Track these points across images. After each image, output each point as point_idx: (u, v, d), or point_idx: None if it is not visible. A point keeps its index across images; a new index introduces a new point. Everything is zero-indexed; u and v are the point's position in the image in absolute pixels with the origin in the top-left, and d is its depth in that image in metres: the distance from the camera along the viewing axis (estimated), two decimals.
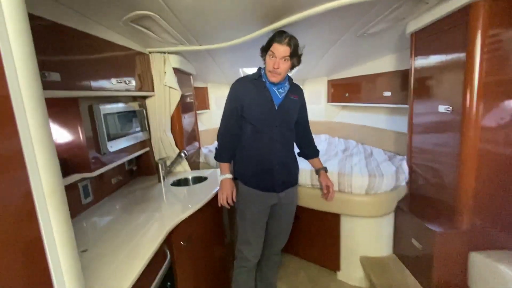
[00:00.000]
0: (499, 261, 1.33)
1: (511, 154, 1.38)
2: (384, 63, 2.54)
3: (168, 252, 1.25)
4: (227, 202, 1.51)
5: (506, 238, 1.46)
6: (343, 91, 3.31)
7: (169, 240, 1.33)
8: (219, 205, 1.54)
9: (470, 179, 1.42)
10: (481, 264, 1.40)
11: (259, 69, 1.54)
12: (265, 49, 1.44)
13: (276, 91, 1.49)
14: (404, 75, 2.23)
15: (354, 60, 2.79)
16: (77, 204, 1.48)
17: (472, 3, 1.29)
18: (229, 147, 1.56)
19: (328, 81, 3.63)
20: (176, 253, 1.38)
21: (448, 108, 1.49)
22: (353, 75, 3.06)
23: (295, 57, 1.41)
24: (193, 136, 2.71)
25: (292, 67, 1.46)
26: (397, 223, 1.92)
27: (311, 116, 3.92)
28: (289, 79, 1.56)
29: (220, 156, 1.57)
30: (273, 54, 1.37)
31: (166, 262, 1.19)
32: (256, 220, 1.56)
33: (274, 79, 1.43)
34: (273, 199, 1.55)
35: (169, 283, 1.26)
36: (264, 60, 1.47)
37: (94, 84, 1.38)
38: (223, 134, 1.56)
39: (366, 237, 1.96)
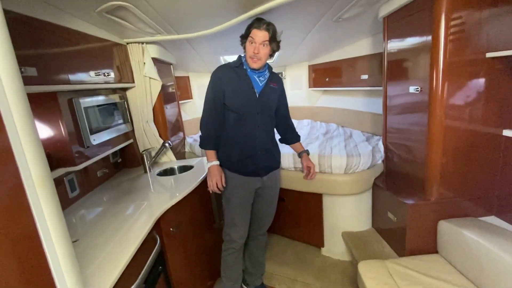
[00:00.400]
0: (463, 226, 1.47)
1: (474, 130, 1.50)
2: (361, 47, 2.61)
3: (158, 238, 1.30)
4: (217, 187, 1.55)
5: (470, 207, 1.61)
6: (324, 75, 3.38)
7: (159, 227, 1.38)
8: (209, 191, 1.58)
9: (437, 154, 1.53)
10: (447, 230, 1.54)
11: (240, 57, 1.56)
12: (244, 36, 1.47)
13: (257, 79, 1.54)
14: (380, 58, 2.30)
15: (333, 44, 2.85)
16: (64, 198, 1.50)
17: None
18: (213, 134, 1.59)
19: (309, 66, 3.69)
20: (166, 239, 1.44)
21: (417, 88, 1.58)
22: (333, 59, 3.12)
23: (274, 42, 1.46)
24: (177, 126, 2.72)
25: (272, 52, 1.50)
26: (375, 199, 2.05)
27: (294, 102, 4.02)
28: (269, 67, 1.60)
29: (205, 144, 1.60)
30: (253, 40, 1.42)
31: (156, 247, 1.24)
32: (241, 203, 1.63)
33: (255, 65, 1.46)
34: (257, 183, 1.62)
35: (160, 267, 1.33)
36: (244, 47, 1.50)
37: (72, 77, 1.37)
38: (206, 122, 1.58)
39: (347, 214, 2.09)
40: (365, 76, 2.61)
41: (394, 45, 1.80)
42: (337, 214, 2.11)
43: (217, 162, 1.59)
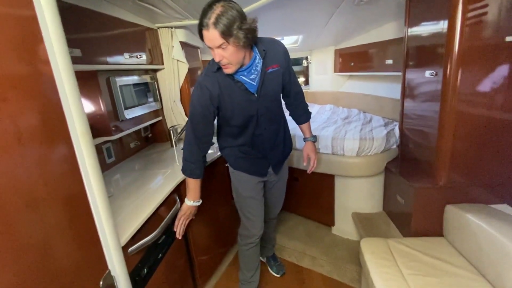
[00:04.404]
0: (468, 211, 1.48)
1: (490, 116, 1.48)
2: (387, 31, 2.55)
3: (178, 199, 1.49)
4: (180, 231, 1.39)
5: (480, 192, 1.60)
6: (349, 60, 3.35)
7: (179, 191, 1.58)
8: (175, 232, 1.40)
9: (448, 138, 1.54)
10: (453, 215, 1.56)
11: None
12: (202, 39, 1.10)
13: (247, 79, 1.23)
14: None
15: (358, 28, 2.81)
16: (102, 163, 1.75)
17: None
18: (200, 158, 1.36)
19: (336, 50, 3.65)
20: None
21: (433, 73, 1.58)
22: (358, 43, 3.08)
23: (233, 36, 1.03)
24: None
25: (246, 41, 1.08)
26: (386, 183, 2.08)
27: (318, 87, 3.98)
28: (260, 51, 1.23)
29: (188, 170, 1.36)
30: (208, 45, 1.08)
31: (176, 206, 1.43)
32: (251, 196, 1.56)
33: (229, 71, 1.16)
34: (263, 177, 1.56)
35: None
36: None
37: (109, 58, 1.58)
38: (191, 143, 1.34)
39: (358, 195, 2.15)
40: (389, 61, 2.56)
41: (415, 29, 1.78)
42: (348, 195, 2.18)
43: (198, 203, 1.41)
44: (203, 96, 1.23)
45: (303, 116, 1.62)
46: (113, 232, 0.85)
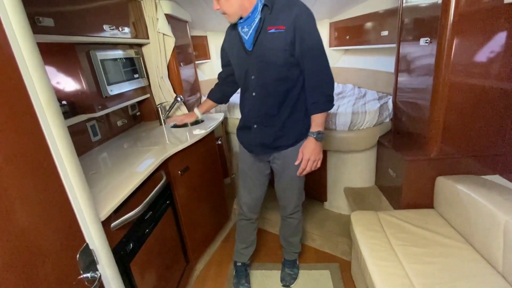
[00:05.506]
0: (459, 182, 1.47)
1: (484, 85, 1.43)
2: (383, 0, 2.44)
3: (164, 176, 1.46)
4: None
5: (473, 164, 1.59)
6: (344, 34, 3.23)
7: (167, 168, 1.55)
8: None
9: (441, 109, 1.50)
10: (444, 186, 1.55)
11: None
12: None
13: (241, 32, 1.26)
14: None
15: None
16: (87, 141, 1.71)
17: None
18: (219, 88, 1.70)
19: (331, 23, 3.51)
20: (174, 179, 1.62)
21: (427, 40, 1.51)
22: (354, 15, 2.95)
23: None
24: (194, 85, 2.82)
25: None
26: (379, 157, 2.06)
27: None
28: (264, 6, 1.18)
29: (208, 94, 1.77)
30: None
31: (161, 182, 1.40)
32: (245, 171, 1.56)
33: (228, 19, 1.26)
34: (253, 154, 1.48)
35: (168, 202, 1.53)
36: None
37: (87, 30, 1.49)
38: (217, 77, 1.70)
39: (350, 170, 2.14)
40: (385, 33, 2.47)
41: None
42: (340, 170, 2.17)
43: (198, 113, 1.81)
44: (223, 41, 1.47)
45: (313, 105, 1.28)
46: (89, 205, 0.82)
